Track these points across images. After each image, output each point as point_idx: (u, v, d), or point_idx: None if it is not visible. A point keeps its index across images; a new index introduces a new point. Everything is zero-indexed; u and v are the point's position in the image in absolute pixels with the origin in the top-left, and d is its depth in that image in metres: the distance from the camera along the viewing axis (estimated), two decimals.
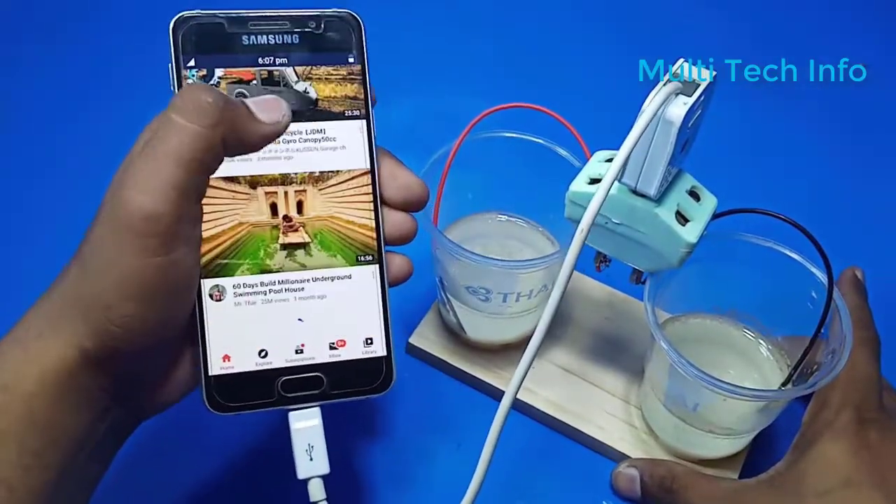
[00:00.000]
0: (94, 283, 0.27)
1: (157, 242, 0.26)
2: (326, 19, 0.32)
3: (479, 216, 0.49)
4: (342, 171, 0.33)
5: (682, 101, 0.31)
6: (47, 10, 0.69)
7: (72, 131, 0.59)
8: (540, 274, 0.42)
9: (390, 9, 0.66)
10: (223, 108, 0.27)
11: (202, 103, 0.27)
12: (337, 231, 0.33)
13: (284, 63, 0.32)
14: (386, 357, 0.33)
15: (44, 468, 0.27)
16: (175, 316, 0.29)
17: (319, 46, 0.32)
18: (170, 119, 0.27)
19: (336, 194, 0.33)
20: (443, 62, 0.66)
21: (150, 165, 0.26)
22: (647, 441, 0.43)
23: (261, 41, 0.31)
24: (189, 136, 0.26)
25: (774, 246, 0.40)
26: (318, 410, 0.32)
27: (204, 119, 0.27)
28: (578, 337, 0.47)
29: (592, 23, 0.71)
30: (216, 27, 0.31)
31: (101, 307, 0.27)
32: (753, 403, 0.37)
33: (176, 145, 0.26)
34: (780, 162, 0.61)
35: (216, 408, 0.31)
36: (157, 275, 0.27)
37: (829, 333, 0.37)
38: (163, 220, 0.26)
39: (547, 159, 0.43)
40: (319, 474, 0.32)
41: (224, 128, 0.27)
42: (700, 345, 0.43)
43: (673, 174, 0.35)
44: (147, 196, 0.26)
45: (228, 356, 0.31)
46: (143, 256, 0.26)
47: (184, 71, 0.31)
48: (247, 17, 0.31)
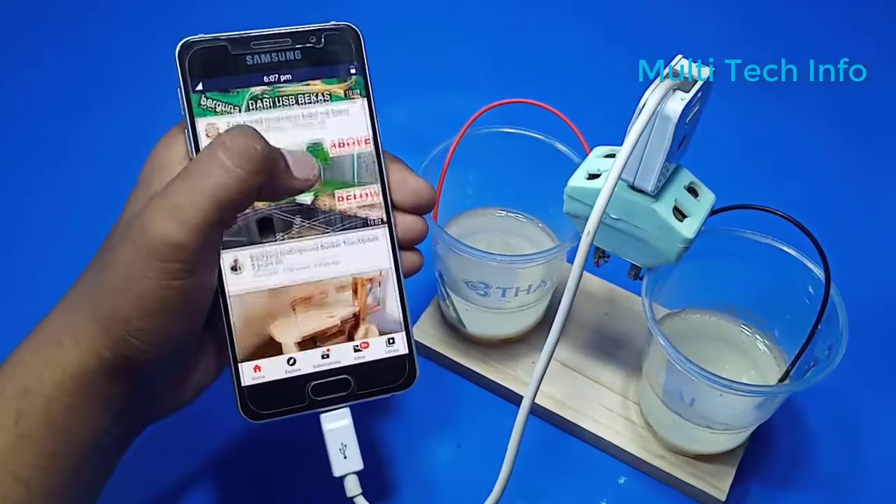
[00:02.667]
0: (113, 297, 0.28)
1: (180, 268, 0.27)
2: (326, 33, 0.33)
3: (479, 211, 0.49)
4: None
5: (680, 97, 0.31)
6: (49, 12, 0.69)
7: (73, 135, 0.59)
8: (539, 269, 0.42)
9: (390, 6, 0.67)
10: (266, 159, 0.28)
11: (250, 149, 0.28)
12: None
13: (289, 79, 0.32)
14: (408, 355, 0.34)
15: (59, 469, 0.28)
16: (192, 328, 0.30)
17: (321, 60, 0.33)
18: (216, 157, 0.27)
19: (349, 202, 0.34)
20: (443, 61, 0.66)
21: (187, 197, 0.27)
22: (644, 436, 0.43)
23: (264, 60, 0.32)
24: (231, 178, 0.27)
25: (772, 242, 0.40)
26: (347, 411, 0.33)
27: (248, 165, 0.27)
28: (577, 332, 0.47)
29: (592, 23, 0.71)
30: (220, 50, 0.31)
31: (120, 320, 0.28)
32: (751, 399, 0.38)
33: (216, 184, 0.27)
34: (780, 161, 0.61)
35: (251, 416, 0.32)
36: (176, 296, 0.28)
37: (826, 329, 0.37)
38: (189, 249, 0.27)
39: (546, 155, 0.43)
40: (354, 471, 0.33)
41: (263, 177, 0.28)
42: (697, 340, 0.44)
43: (671, 170, 0.35)
44: (178, 226, 0.27)
45: (259, 367, 0.32)
46: (165, 279, 0.27)
47: (192, 94, 0.31)
48: (249, 37, 0.32)
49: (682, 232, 0.35)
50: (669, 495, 0.42)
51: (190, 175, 0.27)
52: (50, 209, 0.54)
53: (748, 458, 0.42)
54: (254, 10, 0.66)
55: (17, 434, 0.27)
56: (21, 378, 0.28)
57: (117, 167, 0.28)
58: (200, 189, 0.27)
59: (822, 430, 0.45)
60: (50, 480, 0.28)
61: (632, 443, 0.43)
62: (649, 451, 0.42)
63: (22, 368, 0.28)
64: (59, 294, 0.30)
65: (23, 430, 0.27)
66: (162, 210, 0.27)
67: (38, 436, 0.28)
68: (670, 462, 0.42)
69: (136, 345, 0.28)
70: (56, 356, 0.28)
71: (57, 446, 0.28)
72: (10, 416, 0.27)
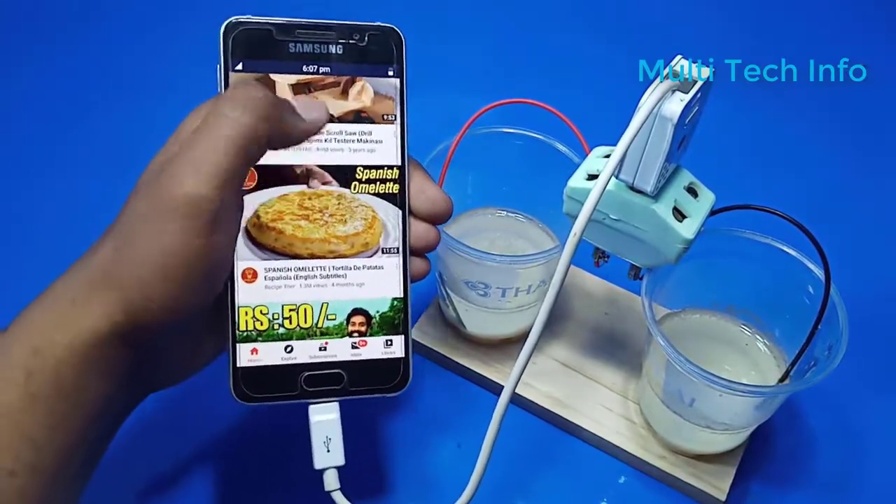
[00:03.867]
0: (132, 259, 0.28)
1: (200, 224, 0.28)
2: (370, 32, 0.33)
3: (479, 211, 0.49)
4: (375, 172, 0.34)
5: (679, 98, 0.31)
6: (51, 10, 0.69)
7: (77, 131, 0.60)
8: (539, 269, 0.42)
9: (390, 5, 0.67)
10: (271, 105, 0.29)
11: (253, 98, 0.29)
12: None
13: (327, 72, 0.33)
14: (404, 359, 0.34)
15: (68, 431, 0.28)
16: (207, 298, 0.30)
17: (361, 58, 0.33)
18: (222, 110, 0.28)
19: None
20: (443, 60, 0.66)
21: (199, 151, 0.28)
22: (644, 436, 0.43)
23: (306, 49, 0.32)
24: (239, 127, 0.28)
25: (772, 242, 0.40)
26: (336, 405, 0.34)
27: (254, 113, 0.28)
28: (577, 332, 0.47)
29: (593, 23, 0.71)
30: (265, 33, 0.32)
31: (138, 284, 0.28)
32: (751, 399, 0.38)
33: (225, 135, 0.28)
34: (780, 161, 0.61)
35: (242, 397, 0.32)
36: (196, 257, 0.28)
37: (827, 329, 0.37)
38: (207, 203, 0.27)
39: (546, 155, 0.43)
40: (335, 465, 0.33)
41: (270, 123, 0.29)
42: (697, 340, 0.44)
43: (670, 170, 0.35)
44: (194, 179, 0.27)
45: (256, 349, 0.32)
46: (185, 237, 0.27)
47: (231, 73, 0.32)
48: (295, 24, 0.32)
49: (681, 232, 0.35)
50: (669, 495, 0.42)
51: (201, 132, 0.28)
52: (49, 209, 0.55)
53: (748, 458, 0.42)
54: (253, 10, 0.66)
55: (27, 393, 0.27)
56: (31, 338, 0.28)
57: (117, 167, 0.28)
58: (213, 143, 0.28)
59: (823, 431, 0.45)
60: (59, 442, 0.28)
61: (632, 443, 0.43)
62: (649, 451, 0.42)
63: (31, 328, 0.28)
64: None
65: (32, 390, 0.27)
66: (179, 166, 0.28)
67: (47, 396, 0.28)
68: (670, 462, 0.42)
69: (152, 309, 0.28)
70: (68, 318, 0.28)
71: (66, 408, 0.28)
72: (20, 375, 0.27)
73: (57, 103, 0.62)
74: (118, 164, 0.29)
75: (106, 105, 0.61)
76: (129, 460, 0.40)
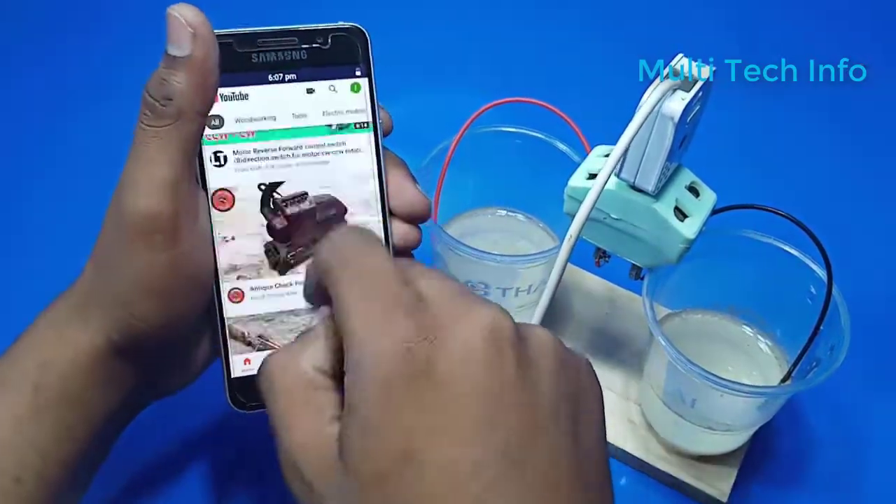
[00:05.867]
0: (110, 282, 0.29)
1: (162, 238, 0.28)
2: (333, 34, 0.32)
3: (479, 211, 0.49)
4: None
5: (680, 97, 0.31)
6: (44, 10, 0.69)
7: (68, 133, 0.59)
8: (539, 269, 0.42)
9: (390, 5, 0.67)
10: (180, 101, 0.28)
11: (160, 107, 0.28)
12: None
13: (294, 79, 0.32)
14: None
15: (74, 441, 0.30)
16: (193, 305, 0.31)
17: (327, 61, 0.32)
18: (141, 127, 0.28)
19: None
20: (443, 60, 0.66)
21: (139, 169, 0.28)
22: (645, 437, 0.43)
23: (269, 58, 0.32)
24: (159, 138, 0.28)
25: (774, 242, 0.40)
26: None
27: (165, 120, 0.28)
28: (578, 332, 0.47)
29: (592, 22, 0.71)
30: (225, 47, 0.31)
31: (121, 304, 0.29)
32: (752, 400, 0.37)
33: (154, 149, 0.28)
34: (781, 161, 0.61)
35: (239, 406, 0.33)
36: (167, 269, 0.28)
37: (828, 329, 0.37)
38: (162, 216, 0.28)
39: (546, 154, 0.43)
40: None
41: (187, 116, 0.28)
42: (699, 341, 0.43)
43: (672, 170, 0.35)
44: (143, 198, 0.28)
45: (249, 360, 0.32)
46: (151, 253, 0.28)
47: None
48: (256, 33, 0.32)
49: (683, 232, 0.34)
50: (670, 496, 0.42)
51: (133, 149, 0.28)
52: (50, 208, 0.54)
53: (750, 459, 0.42)
54: (253, 9, 0.66)
55: (36, 406, 0.29)
56: (39, 352, 0.29)
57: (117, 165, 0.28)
58: (144, 158, 0.28)
59: (824, 431, 0.45)
60: (65, 452, 0.30)
61: (633, 444, 0.43)
62: (650, 452, 0.42)
63: (40, 341, 0.30)
64: (59, 290, 0.31)
65: (40, 403, 0.29)
66: (125, 187, 0.28)
67: (55, 408, 0.29)
68: (671, 463, 0.42)
69: (140, 326, 0.29)
70: (69, 336, 0.29)
71: (71, 419, 0.30)
72: (28, 388, 0.29)
73: (42, 106, 0.61)
74: (111, 166, 0.29)
75: (95, 108, 0.61)
76: (127, 462, 0.40)
